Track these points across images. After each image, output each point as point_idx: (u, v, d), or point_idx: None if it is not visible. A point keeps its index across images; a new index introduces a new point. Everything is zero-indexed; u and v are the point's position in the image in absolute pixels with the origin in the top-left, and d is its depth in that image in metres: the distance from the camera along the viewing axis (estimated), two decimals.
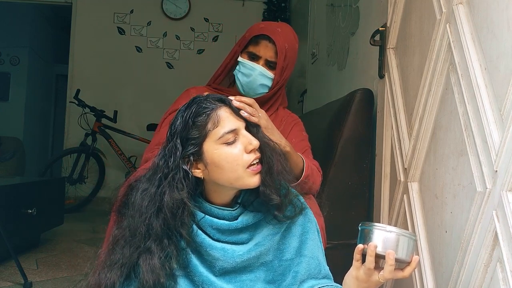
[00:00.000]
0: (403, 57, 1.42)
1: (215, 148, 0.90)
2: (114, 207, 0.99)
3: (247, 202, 0.99)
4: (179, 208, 0.88)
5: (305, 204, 1.03)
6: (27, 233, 2.54)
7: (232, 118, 0.93)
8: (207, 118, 0.90)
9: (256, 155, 0.93)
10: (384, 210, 1.50)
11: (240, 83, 1.36)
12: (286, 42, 1.34)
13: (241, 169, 0.91)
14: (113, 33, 4.77)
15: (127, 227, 0.91)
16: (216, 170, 0.91)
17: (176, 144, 0.91)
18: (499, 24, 0.90)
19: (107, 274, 0.88)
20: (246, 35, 1.38)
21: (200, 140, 0.90)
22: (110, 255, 0.91)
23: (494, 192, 0.88)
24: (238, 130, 0.92)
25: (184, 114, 0.92)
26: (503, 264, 0.85)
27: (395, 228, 0.86)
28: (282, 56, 1.33)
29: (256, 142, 0.92)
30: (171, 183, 0.89)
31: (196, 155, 0.91)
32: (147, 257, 0.87)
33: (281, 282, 0.97)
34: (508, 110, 0.86)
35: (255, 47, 1.34)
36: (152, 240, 0.88)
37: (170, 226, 0.89)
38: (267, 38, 1.33)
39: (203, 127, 0.90)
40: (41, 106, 6.39)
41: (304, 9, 3.78)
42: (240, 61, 1.35)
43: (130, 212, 0.91)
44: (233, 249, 0.95)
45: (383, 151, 1.51)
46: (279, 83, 1.38)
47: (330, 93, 2.65)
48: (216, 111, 0.92)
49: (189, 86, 1.51)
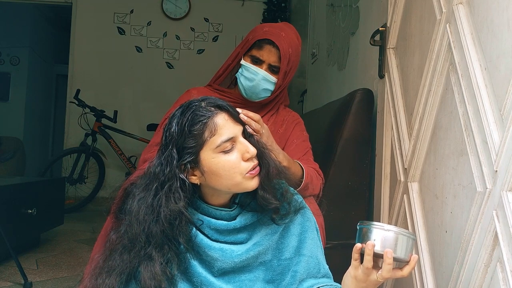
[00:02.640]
0: (403, 57, 1.42)
1: (212, 156, 0.89)
2: (112, 209, 0.99)
3: (245, 202, 0.99)
4: (176, 219, 0.88)
5: (304, 203, 1.03)
6: (27, 233, 2.54)
7: (230, 125, 0.91)
8: (204, 127, 0.89)
9: (254, 162, 0.92)
10: (384, 210, 1.50)
11: (243, 87, 1.35)
12: (290, 47, 1.33)
13: (239, 176, 0.91)
14: (113, 33, 4.77)
15: (125, 234, 0.90)
16: (213, 177, 0.91)
17: (172, 153, 0.89)
18: (499, 24, 0.90)
19: (106, 280, 0.87)
20: (250, 38, 1.36)
21: (197, 149, 0.89)
22: (108, 260, 0.90)
23: (494, 192, 0.88)
24: (235, 138, 0.91)
25: (179, 121, 0.90)
26: (503, 264, 0.85)
27: (394, 227, 0.86)
28: (286, 61, 1.32)
29: (253, 150, 0.91)
30: (167, 193, 0.88)
31: (193, 163, 0.90)
32: (148, 263, 0.87)
33: (280, 281, 0.97)
34: (508, 110, 0.85)
35: (259, 51, 1.33)
36: (153, 247, 0.87)
37: (169, 235, 0.88)
38: (271, 43, 1.32)
39: (200, 136, 0.89)
40: (41, 106, 6.39)
41: (304, 9, 3.78)
42: (243, 64, 1.35)
43: (128, 219, 0.90)
44: (232, 249, 0.95)
45: (383, 151, 1.51)
46: (281, 86, 1.37)
47: (330, 93, 2.65)
48: (213, 118, 0.90)
49: (189, 86, 1.51)
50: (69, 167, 4.19)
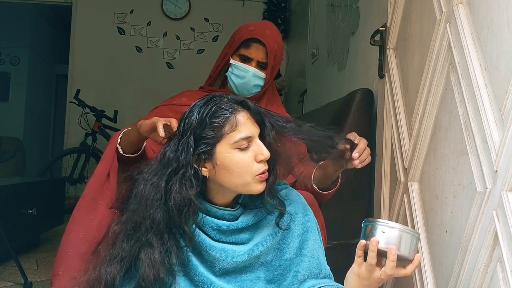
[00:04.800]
0: (403, 57, 1.42)
1: (228, 151, 0.90)
2: (115, 203, 1.00)
3: (248, 203, 0.99)
4: (185, 206, 0.88)
5: (305, 204, 1.03)
6: (27, 233, 2.54)
7: (250, 124, 0.92)
8: (225, 121, 0.90)
9: (266, 166, 0.93)
10: (384, 210, 1.50)
11: (234, 85, 1.42)
12: (276, 43, 1.42)
13: (250, 176, 0.91)
14: (113, 33, 4.76)
15: (128, 220, 0.90)
16: (224, 172, 0.91)
17: (189, 140, 0.90)
18: (499, 24, 0.90)
19: (107, 269, 0.88)
20: (236, 38, 1.44)
21: (215, 141, 0.90)
22: (110, 250, 0.91)
23: (494, 192, 0.88)
24: (253, 138, 0.92)
25: (201, 110, 0.91)
26: (503, 264, 0.85)
27: (398, 225, 0.86)
28: (272, 57, 1.40)
29: (267, 153, 0.92)
30: (181, 179, 0.89)
31: (207, 155, 0.90)
32: (148, 251, 0.87)
33: (282, 281, 0.97)
34: (508, 110, 0.85)
35: (247, 50, 1.41)
36: (153, 234, 0.88)
37: (175, 222, 0.89)
38: (258, 41, 1.39)
39: (220, 128, 0.89)
40: (41, 106, 6.39)
41: (304, 9, 3.78)
42: (233, 63, 1.41)
43: (132, 205, 0.91)
44: (233, 249, 0.95)
45: (383, 151, 1.51)
46: (270, 80, 1.44)
47: (330, 93, 2.65)
48: (235, 114, 0.91)
49: (189, 86, 1.55)
50: (69, 167, 4.19)
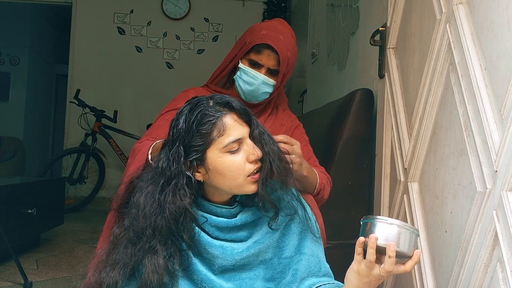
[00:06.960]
0: (403, 57, 1.42)
1: (219, 156, 0.90)
2: (114, 205, 0.99)
3: (246, 200, 0.99)
4: (181, 215, 0.89)
5: (304, 203, 1.03)
6: (27, 233, 2.54)
7: (238, 126, 0.91)
8: (212, 127, 0.89)
9: (257, 164, 0.93)
10: (384, 210, 1.50)
11: (242, 91, 1.35)
12: (289, 50, 1.32)
13: (242, 177, 0.91)
14: (113, 33, 4.77)
15: (130, 227, 0.90)
16: (217, 176, 0.91)
17: (179, 150, 0.90)
18: (499, 24, 0.90)
19: (110, 273, 0.88)
20: (248, 41, 1.34)
21: (204, 147, 0.90)
22: (112, 254, 0.91)
23: (494, 192, 0.88)
24: (243, 139, 0.92)
25: (187, 118, 0.91)
26: (503, 264, 0.85)
27: (397, 221, 0.85)
28: (285, 65, 1.32)
29: (259, 153, 0.92)
30: (174, 189, 0.89)
31: (199, 161, 0.91)
32: (152, 256, 0.87)
33: (281, 280, 0.97)
34: (508, 110, 0.85)
35: (258, 56, 1.32)
36: (157, 240, 0.88)
37: (173, 231, 0.89)
38: (269, 47, 1.31)
39: (208, 135, 0.89)
40: (41, 106, 6.39)
41: (304, 9, 3.78)
42: (242, 68, 1.34)
43: (133, 212, 0.91)
44: (232, 247, 0.95)
45: (383, 151, 1.51)
46: (279, 87, 1.38)
47: (330, 93, 2.65)
48: (222, 118, 0.90)
49: (189, 86, 1.51)
50: (69, 167, 4.19)
